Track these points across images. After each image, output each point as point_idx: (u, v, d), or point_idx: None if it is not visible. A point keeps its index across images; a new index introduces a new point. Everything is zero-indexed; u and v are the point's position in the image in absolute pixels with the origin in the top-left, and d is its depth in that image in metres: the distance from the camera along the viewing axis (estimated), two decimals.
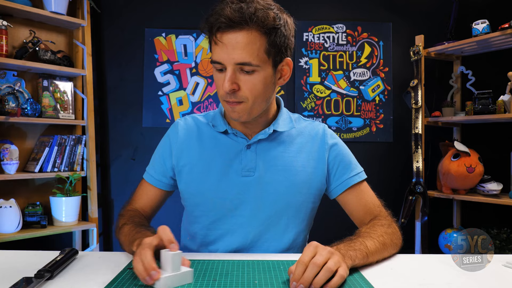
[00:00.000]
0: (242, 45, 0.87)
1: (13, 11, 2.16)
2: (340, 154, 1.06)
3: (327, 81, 2.67)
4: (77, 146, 2.37)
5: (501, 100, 2.15)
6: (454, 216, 2.53)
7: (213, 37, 0.90)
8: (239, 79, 0.91)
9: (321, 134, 1.06)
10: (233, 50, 0.87)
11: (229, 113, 0.96)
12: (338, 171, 1.04)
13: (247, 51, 0.88)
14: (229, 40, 0.87)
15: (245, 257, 0.92)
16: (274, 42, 0.90)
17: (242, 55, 0.88)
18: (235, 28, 0.87)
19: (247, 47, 0.88)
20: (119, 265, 0.85)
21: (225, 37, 0.88)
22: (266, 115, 1.02)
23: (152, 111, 2.62)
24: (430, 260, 0.94)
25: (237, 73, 0.90)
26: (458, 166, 2.21)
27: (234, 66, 0.89)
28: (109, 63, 2.65)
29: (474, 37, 2.22)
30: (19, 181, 2.27)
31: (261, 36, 0.89)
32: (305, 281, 0.69)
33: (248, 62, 0.88)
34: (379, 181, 2.58)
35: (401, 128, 2.64)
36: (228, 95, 0.92)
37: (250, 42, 0.87)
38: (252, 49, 0.88)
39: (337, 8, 2.70)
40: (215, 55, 0.91)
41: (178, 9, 2.63)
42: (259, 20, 0.87)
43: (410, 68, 2.45)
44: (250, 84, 0.91)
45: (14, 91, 2.20)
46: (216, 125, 1.04)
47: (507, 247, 2.16)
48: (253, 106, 0.94)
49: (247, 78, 0.91)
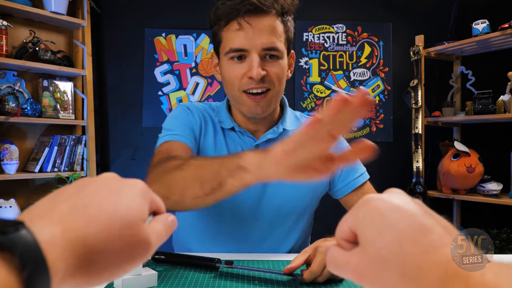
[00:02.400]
0: (269, 28, 0.86)
1: (13, 11, 2.16)
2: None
3: (327, 81, 2.67)
4: (77, 146, 2.37)
5: (501, 100, 2.15)
6: (454, 216, 2.53)
7: (235, 22, 0.86)
8: (265, 65, 0.88)
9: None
10: (260, 34, 0.85)
11: (250, 109, 0.91)
12: (344, 172, 1.02)
13: (274, 35, 0.86)
14: (256, 24, 0.85)
15: (246, 257, 0.92)
16: (289, 30, 0.91)
17: (271, 39, 0.86)
18: (263, 12, 0.85)
19: (274, 31, 0.86)
20: None
21: (253, 21, 0.85)
22: (272, 114, 0.99)
23: (152, 111, 2.62)
24: None
25: (262, 60, 0.87)
26: (458, 166, 2.21)
27: (261, 52, 0.86)
28: (109, 63, 2.65)
29: (474, 37, 2.22)
30: (19, 181, 2.27)
31: (281, 23, 0.88)
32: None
33: (275, 47, 0.86)
34: (379, 181, 2.56)
35: (401, 128, 2.63)
36: (255, 83, 0.87)
37: (276, 27, 0.87)
38: (278, 33, 0.87)
39: (337, 8, 2.70)
40: (236, 42, 0.86)
41: (178, 9, 2.63)
42: (280, 5, 0.87)
43: (410, 68, 2.45)
44: (276, 69, 0.89)
45: (14, 91, 2.20)
46: (223, 120, 0.99)
47: (507, 247, 2.16)
48: (277, 95, 0.91)
49: (272, 64, 0.88)
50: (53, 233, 0.26)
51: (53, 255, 0.26)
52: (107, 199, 0.30)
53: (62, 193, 0.31)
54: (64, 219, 0.28)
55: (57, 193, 0.31)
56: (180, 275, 0.79)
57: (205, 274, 0.79)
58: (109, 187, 0.32)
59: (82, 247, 0.27)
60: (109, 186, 0.32)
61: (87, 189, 0.31)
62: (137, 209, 0.32)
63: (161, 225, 0.34)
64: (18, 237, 0.24)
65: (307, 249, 0.77)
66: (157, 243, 0.33)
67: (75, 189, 0.31)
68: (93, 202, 0.30)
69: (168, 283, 0.74)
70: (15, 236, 0.24)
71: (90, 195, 0.30)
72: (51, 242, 0.26)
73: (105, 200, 0.30)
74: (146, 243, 0.31)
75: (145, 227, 0.32)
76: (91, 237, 0.28)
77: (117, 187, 0.32)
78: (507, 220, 2.34)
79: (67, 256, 0.27)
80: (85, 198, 0.30)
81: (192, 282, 0.75)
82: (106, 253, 0.29)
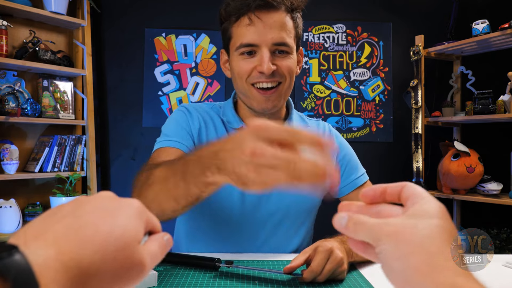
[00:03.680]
0: (279, 24, 0.87)
1: (13, 11, 2.16)
2: (348, 154, 1.06)
3: (327, 81, 2.67)
4: (77, 146, 2.37)
5: (501, 100, 2.15)
6: (454, 216, 2.53)
7: (246, 17, 0.87)
8: (275, 60, 0.89)
9: (327, 133, 1.08)
10: (270, 30, 0.87)
11: (260, 104, 0.92)
12: (346, 171, 1.04)
13: (284, 30, 0.88)
14: (267, 19, 0.87)
15: (246, 257, 0.92)
16: (298, 27, 0.92)
17: (281, 34, 0.87)
18: (273, 8, 0.87)
19: (284, 27, 0.88)
20: None
21: (263, 16, 0.87)
22: (279, 113, 1.01)
23: (152, 111, 2.62)
24: None
25: (272, 55, 0.89)
26: (458, 166, 2.21)
27: (271, 47, 0.88)
28: (109, 63, 2.65)
29: (474, 37, 2.22)
30: (19, 181, 2.27)
31: (291, 19, 0.90)
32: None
33: (285, 42, 0.89)
34: (379, 181, 2.54)
35: (401, 128, 2.63)
36: (264, 77, 0.88)
37: (285, 22, 0.89)
38: (288, 29, 0.89)
39: (337, 8, 2.70)
40: (247, 37, 0.88)
41: (178, 9, 2.63)
42: (290, 2, 0.89)
43: (410, 68, 2.45)
44: (287, 63, 0.91)
45: (14, 91, 2.20)
46: (230, 121, 0.99)
47: (507, 247, 2.16)
48: (288, 88, 0.94)
49: (282, 58, 0.90)
50: (47, 256, 0.27)
51: (47, 278, 0.26)
52: (102, 220, 0.30)
53: (58, 212, 0.31)
54: (59, 240, 0.28)
55: (53, 212, 0.31)
56: (180, 275, 0.79)
57: (205, 274, 0.79)
58: (105, 207, 0.32)
59: (76, 269, 0.28)
60: (105, 206, 0.32)
61: (83, 208, 0.31)
62: (133, 230, 0.32)
63: (156, 246, 0.34)
64: (12, 262, 0.24)
65: (307, 249, 0.77)
66: (151, 265, 0.33)
67: (71, 208, 0.31)
68: (89, 223, 0.30)
69: (168, 283, 0.74)
70: (9, 262, 0.24)
71: (85, 214, 0.30)
72: (45, 265, 0.26)
73: (100, 221, 0.30)
74: (140, 265, 0.31)
75: (139, 248, 0.32)
76: (86, 259, 0.28)
77: (113, 207, 0.32)
78: (507, 220, 2.34)
79: (61, 278, 0.27)
80: (81, 218, 0.30)
81: (192, 282, 0.75)
82: (100, 275, 0.29)
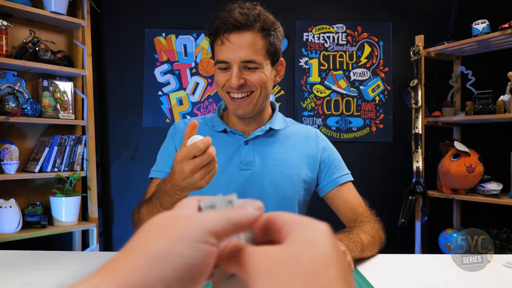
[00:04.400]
0: (247, 44, 0.98)
1: (13, 11, 2.16)
2: (332, 155, 1.16)
3: (327, 81, 2.67)
4: (77, 146, 2.37)
5: (501, 100, 2.15)
6: (454, 216, 2.53)
7: (219, 38, 0.99)
8: (244, 74, 1.01)
9: (314, 136, 1.17)
10: (239, 49, 0.98)
11: (234, 110, 1.05)
12: (329, 170, 1.14)
13: (252, 49, 0.98)
14: (236, 40, 0.98)
15: None
16: (273, 43, 1.02)
17: (248, 53, 0.98)
18: (242, 29, 0.98)
19: (252, 46, 0.98)
20: None
21: (232, 37, 0.98)
22: (262, 115, 1.12)
23: (152, 111, 2.62)
24: (430, 260, 0.94)
25: (242, 70, 1.00)
26: (458, 166, 2.21)
27: (240, 64, 0.99)
28: (109, 63, 2.65)
29: (474, 37, 2.22)
30: (19, 181, 2.27)
31: (262, 37, 0.99)
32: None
33: (252, 60, 0.98)
34: (379, 181, 2.58)
35: (401, 128, 2.63)
36: (236, 90, 1.01)
37: (254, 42, 0.99)
38: (256, 48, 0.99)
39: (337, 8, 2.70)
40: (221, 55, 1.00)
41: (178, 9, 2.63)
42: (261, 23, 0.98)
43: (410, 68, 2.45)
44: (255, 77, 1.01)
45: (14, 91, 2.20)
46: (215, 125, 1.13)
47: (507, 247, 2.16)
48: (259, 97, 1.03)
49: (251, 73, 1.01)
50: None
51: None
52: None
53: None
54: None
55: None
56: None
57: None
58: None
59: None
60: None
61: None
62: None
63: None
64: None
65: None
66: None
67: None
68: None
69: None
70: None
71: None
72: None
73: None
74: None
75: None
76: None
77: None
78: (507, 220, 2.34)
79: None
80: None
81: None
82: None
